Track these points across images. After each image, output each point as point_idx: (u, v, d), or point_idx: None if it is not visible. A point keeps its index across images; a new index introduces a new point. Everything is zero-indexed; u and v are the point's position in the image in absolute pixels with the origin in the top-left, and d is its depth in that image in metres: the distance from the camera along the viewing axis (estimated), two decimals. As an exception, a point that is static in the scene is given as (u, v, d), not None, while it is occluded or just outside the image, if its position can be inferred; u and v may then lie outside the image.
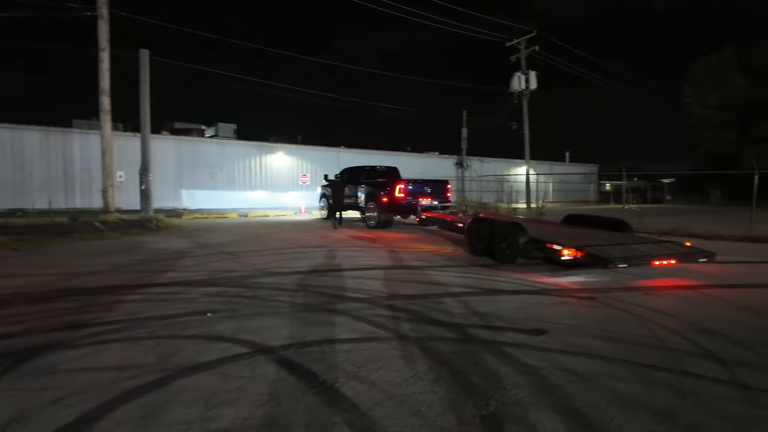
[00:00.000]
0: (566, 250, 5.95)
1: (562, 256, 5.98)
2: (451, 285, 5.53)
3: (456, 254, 8.13)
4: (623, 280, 5.88)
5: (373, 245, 9.22)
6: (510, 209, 15.88)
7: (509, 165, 32.81)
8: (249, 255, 7.77)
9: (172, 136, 21.80)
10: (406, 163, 28.75)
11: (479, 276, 6.15)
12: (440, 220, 9.74)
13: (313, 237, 10.53)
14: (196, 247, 8.68)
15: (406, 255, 7.97)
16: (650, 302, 4.78)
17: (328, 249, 8.58)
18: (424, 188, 12.26)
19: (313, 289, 5.24)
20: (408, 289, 5.33)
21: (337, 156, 26.31)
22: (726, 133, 33.31)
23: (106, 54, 14.36)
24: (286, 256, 7.64)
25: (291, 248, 8.63)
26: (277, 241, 9.74)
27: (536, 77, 27.23)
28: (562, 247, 6.04)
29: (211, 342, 3.48)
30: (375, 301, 4.72)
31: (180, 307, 4.49)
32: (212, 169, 22.27)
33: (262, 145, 24.02)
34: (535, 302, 4.78)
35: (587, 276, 6.14)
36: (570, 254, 5.92)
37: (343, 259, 7.48)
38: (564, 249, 5.98)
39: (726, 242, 9.80)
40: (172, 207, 21.12)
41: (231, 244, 9.11)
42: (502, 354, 3.25)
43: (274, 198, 23.94)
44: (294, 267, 6.63)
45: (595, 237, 6.89)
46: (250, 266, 6.66)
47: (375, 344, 3.44)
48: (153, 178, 20.59)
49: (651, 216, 15.02)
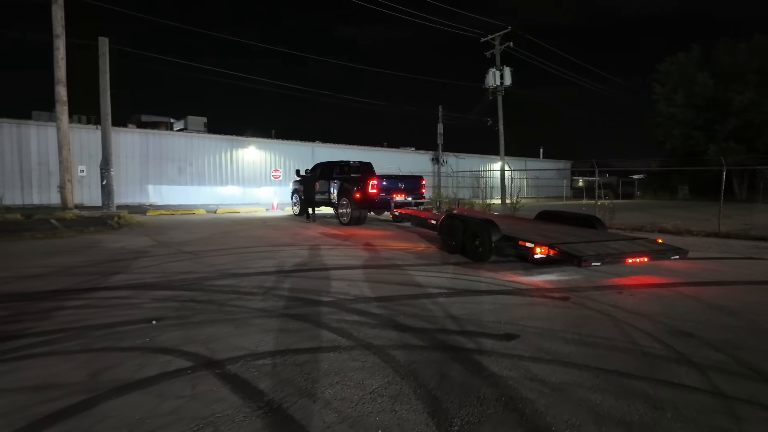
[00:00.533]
0: (539, 248, 5.79)
1: (535, 254, 5.83)
2: (422, 285, 5.30)
3: (429, 252, 7.91)
4: (596, 278, 5.77)
5: (345, 243, 8.93)
6: (485, 205, 15.81)
7: (485, 161, 32.95)
8: (211, 254, 7.36)
9: (138, 129, 20.91)
10: (382, 159, 28.48)
11: (451, 275, 5.94)
12: (414, 216, 9.51)
13: (283, 235, 10.16)
14: (155, 246, 8.20)
15: (377, 253, 7.71)
16: (624, 302, 4.65)
17: (297, 247, 8.24)
18: (397, 184, 12.01)
19: (276, 292, 4.91)
20: (377, 290, 5.07)
21: (311, 151, 25.83)
22: (692, 131, 34.25)
23: (62, 41, 13.53)
24: (250, 256, 7.27)
25: (257, 247, 8.26)
26: (244, 239, 9.33)
27: (511, 73, 27.33)
28: (535, 245, 5.88)
29: (152, 355, 3.14)
30: (340, 305, 4.44)
31: (124, 314, 4.10)
32: (180, 163, 21.49)
33: (233, 139, 23.33)
34: (507, 303, 4.58)
35: (560, 274, 6.01)
36: (543, 252, 5.76)
37: (312, 258, 7.16)
38: (537, 247, 5.82)
39: (695, 238, 9.91)
40: (138, 203, 20.31)
41: (193, 243, 8.67)
42: (470, 363, 3.02)
43: (246, 193, 23.33)
44: (258, 267, 6.27)
45: (568, 234, 6.78)
46: (210, 267, 6.27)
47: (334, 355, 3.16)
48: (117, 172, 19.73)
49: (622, 211, 15.22)
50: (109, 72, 14.66)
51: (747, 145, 31.12)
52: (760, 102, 30.09)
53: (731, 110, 31.50)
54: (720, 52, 34.20)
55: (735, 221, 13.69)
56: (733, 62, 32.84)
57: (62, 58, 13.62)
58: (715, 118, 32.73)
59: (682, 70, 35.13)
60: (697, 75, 33.73)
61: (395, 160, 28.12)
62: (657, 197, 36.08)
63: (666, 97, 35.57)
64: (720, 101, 32.29)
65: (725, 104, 31.86)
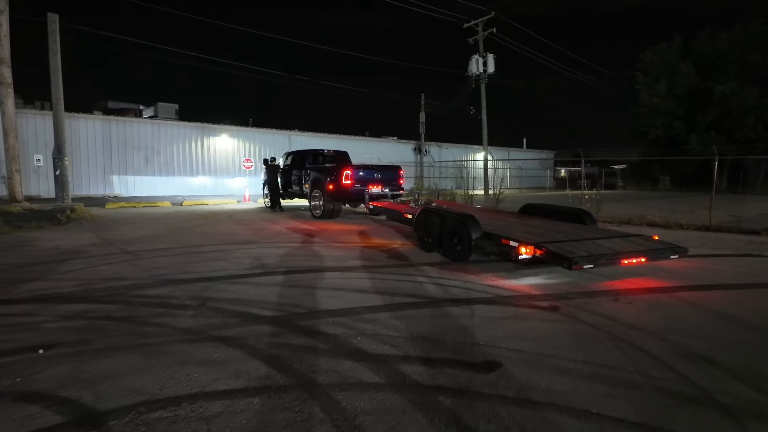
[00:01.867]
0: (524, 248, 5.10)
1: (520, 254, 5.14)
2: (391, 292, 4.57)
3: (404, 249, 7.19)
4: (587, 281, 5.12)
5: (312, 240, 8.13)
6: (467, 196, 15.13)
7: (468, 151, 32.37)
8: (155, 255, 6.50)
9: (100, 116, 19.61)
10: (362, 149, 27.62)
11: (425, 279, 5.21)
12: (389, 210, 8.76)
13: (246, 230, 9.31)
14: (96, 245, 7.29)
15: (346, 252, 6.95)
16: (622, 312, 3.99)
17: (257, 246, 7.42)
18: (374, 174, 11.21)
19: (213, 305, 4.12)
20: (336, 300, 4.31)
21: (288, 139, 24.81)
22: (674, 121, 34.15)
23: (5, 18, 12.27)
24: (200, 257, 6.43)
25: (211, 245, 7.41)
26: (200, 236, 8.46)
27: (494, 60, 26.64)
28: (519, 244, 5.19)
29: (13, 405, 2.34)
30: (287, 322, 3.68)
31: (10, 339, 3.27)
32: (147, 152, 20.29)
33: (204, 126, 22.16)
34: (487, 316, 3.88)
35: (548, 277, 5.34)
36: (528, 252, 5.07)
37: (271, 258, 6.36)
38: (521, 246, 5.13)
39: (685, 232, 9.40)
40: (101, 195, 19.13)
41: (141, 241, 7.76)
42: (438, 411, 2.30)
43: (219, 184, 22.27)
44: (203, 272, 5.45)
45: (555, 230, 6.11)
46: (146, 272, 5.42)
47: (259, 401, 2.40)
48: (78, 162, 18.53)
49: (607, 203, 14.71)
50: (60, 52, 13.44)
51: (727, 135, 31.13)
52: (740, 92, 30.02)
53: (712, 100, 31.41)
54: (701, 42, 34.08)
55: (721, 213, 13.34)
56: (715, 52, 32.75)
57: (5, 35, 12.37)
58: (697, 108, 32.63)
59: (664, 59, 34.92)
60: (679, 64, 33.54)
61: (376, 150, 27.29)
62: (638, 188, 36.08)
63: (648, 86, 35.34)
64: (701, 91, 32.18)
65: (707, 94, 31.76)
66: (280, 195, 13.55)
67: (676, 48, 34.89)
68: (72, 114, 18.92)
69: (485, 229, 5.93)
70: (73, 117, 18.62)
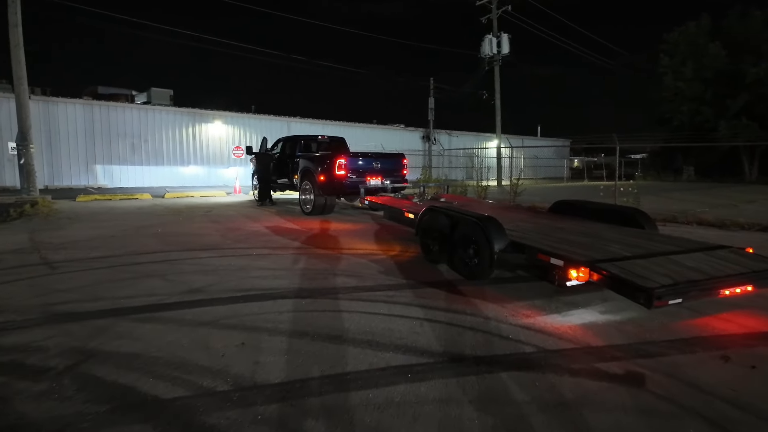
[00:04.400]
0: (574, 270, 3.49)
1: (568, 278, 3.53)
2: (373, 342, 3.01)
3: (404, 259, 5.62)
4: (666, 317, 3.52)
5: (292, 244, 6.59)
6: (480, 188, 13.46)
7: (479, 139, 30.58)
8: (76, 268, 5.00)
9: (80, 100, 18.14)
10: (367, 136, 25.95)
11: (428, 311, 3.65)
12: (387, 207, 7.17)
13: (216, 230, 7.79)
14: (17, 251, 5.80)
15: (329, 263, 5.40)
16: (748, 390, 2.40)
17: (219, 253, 5.89)
18: (372, 164, 9.60)
19: (89, 368, 2.59)
20: (292, 358, 2.77)
21: (287, 126, 23.22)
22: (701, 106, 31.90)
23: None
24: (132, 272, 4.91)
25: (160, 253, 5.90)
26: (155, 238, 6.94)
27: (509, 40, 24.69)
28: (567, 263, 3.59)
29: None
30: (191, 413, 2.14)
31: None
32: (134, 140, 18.84)
33: (196, 112, 20.64)
34: (530, 401, 2.31)
35: (605, 309, 3.75)
36: (581, 278, 3.46)
37: (225, 274, 4.83)
38: (570, 267, 3.52)
39: (751, 233, 7.68)
40: (84, 186, 17.76)
41: (78, 245, 6.28)
42: None
43: (212, 174, 20.81)
44: (118, 298, 3.93)
45: (605, 239, 4.50)
46: (41, 296, 3.91)
47: None
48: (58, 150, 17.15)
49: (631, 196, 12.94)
50: (21, 25, 11.93)
51: (759, 122, 28.89)
52: (775, 75, 27.72)
53: (743, 84, 29.13)
54: (732, 22, 31.67)
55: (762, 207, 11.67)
56: (746, 32, 30.36)
57: (-44, 5, 10.90)
58: (726, 92, 30.35)
59: (691, 40, 32.55)
60: (707, 46, 31.20)
61: (381, 138, 25.61)
62: (659, 178, 33.95)
63: (673, 69, 33.00)
64: (731, 74, 29.88)
65: (737, 77, 29.47)
66: (271, 187, 12.01)
67: (704, 28, 32.49)
68: (50, 98, 17.53)
69: (513, 237, 4.33)
70: (52, 101, 17.21)
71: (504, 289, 4.32)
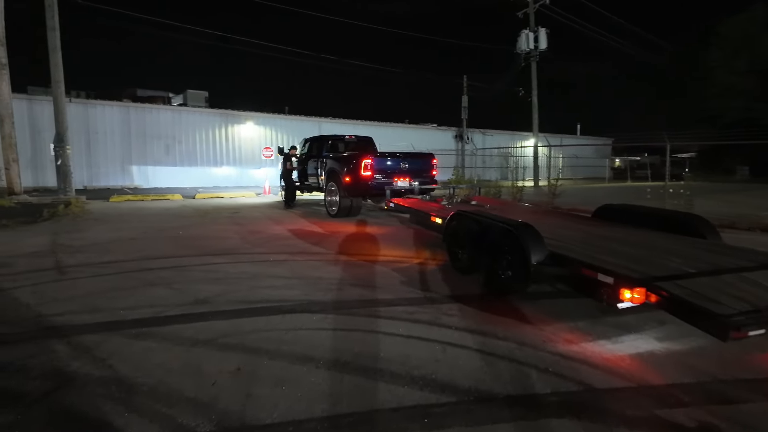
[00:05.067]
0: (627, 290, 2.95)
1: (620, 298, 2.99)
2: (389, 374, 2.58)
3: (429, 268, 5.17)
4: (747, 350, 2.93)
5: (311, 249, 6.26)
6: (515, 189, 12.75)
7: (515, 138, 29.55)
8: (86, 274, 4.82)
9: (116, 102, 18.57)
10: (398, 136, 25.53)
11: (454, 333, 3.19)
12: (413, 210, 6.72)
13: (237, 233, 7.56)
14: (35, 254, 5.72)
15: (348, 271, 5.01)
16: None
17: (235, 258, 5.62)
18: (400, 164, 9.16)
19: (62, 397, 2.30)
20: (287, 392, 2.39)
21: (318, 127, 23.07)
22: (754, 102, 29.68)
23: (-4, -10, 11.11)
24: (139, 279, 4.68)
25: (174, 258, 5.67)
26: (174, 241, 6.76)
27: (546, 35, 23.69)
28: (619, 282, 3.04)
29: None
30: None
31: None
32: (167, 141, 19.12)
33: (228, 113, 20.79)
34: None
35: (660, 334, 3.19)
36: (636, 299, 2.92)
37: (238, 281, 4.53)
38: (622, 287, 2.98)
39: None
40: (120, 186, 18.16)
41: (98, 248, 6.15)
42: None
43: (244, 175, 20.90)
44: (118, 309, 3.67)
45: (661, 250, 3.90)
46: (39, 306, 3.70)
47: None
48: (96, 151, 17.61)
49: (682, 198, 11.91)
50: (58, 29, 12.20)
51: (823, 117, 26.58)
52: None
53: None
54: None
55: None
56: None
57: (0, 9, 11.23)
58: (785, 86, 28.12)
59: (744, 31, 30.37)
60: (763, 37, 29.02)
61: (413, 137, 25.13)
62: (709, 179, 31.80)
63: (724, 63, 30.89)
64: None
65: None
66: (296, 189, 11.75)
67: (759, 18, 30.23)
68: (89, 101, 18.04)
69: (552, 247, 3.80)
70: (90, 104, 17.69)
71: (541, 307, 3.80)
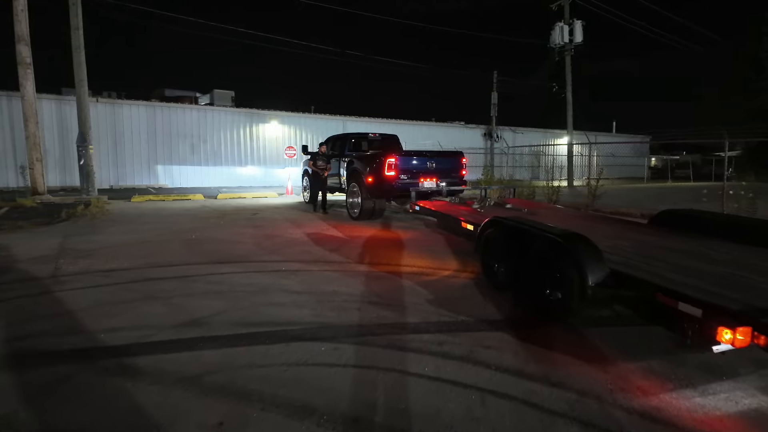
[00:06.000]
0: (727, 329, 2.23)
1: (716, 338, 2.28)
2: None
3: (460, 281, 4.53)
4: None
5: (329, 257, 5.70)
6: (550, 190, 11.88)
7: (547, 136, 28.32)
8: (83, 285, 4.40)
9: (143, 102, 18.58)
10: (425, 134, 24.83)
11: (493, 375, 2.56)
12: (441, 214, 6.07)
13: (253, 237, 7.09)
14: (38, 259, 5.38)
15: (367, 284, 4.43)
16: None
17: (245, 267, 5.11)
18: (426, 164, 8.51)
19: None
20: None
21: (342, 125, 22.62)
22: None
23: (22, -11, 11.07)
24: (136, 292, 4.23)
25: (180, 266, 5.21)
26: (186, 246, 6.33)
27: (582, 28, 22.49)
28: (713, 316, 2.33)
29: None
30: None
31: None
32: (193, 140, 19.03)
33: (252, 113, 20.56)
34: None
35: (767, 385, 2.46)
36: (741, 341, 2.21)
37: (243, 296, 4.01)
38: (721, 326, 2.26)
39: None
40: (146, 185, 18.18)
41: (105, 253, 5.78)
42: None
43: (268, 174, 20.64)
44: (101, 330, 3.19)
45: (755, 270, 3.14)
46: (11, 326, 3.27)
47: None
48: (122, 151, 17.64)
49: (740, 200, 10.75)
50: (82, 28, 12.11)
51: None
52: None
53: None
54: None
55: None
56: None
57: (23, 9, 11.19)
58: None
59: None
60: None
61: (440, 136, 24.39)
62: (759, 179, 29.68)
63: (778, 54, 28.75)
64: None
65: None
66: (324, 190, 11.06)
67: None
68: (116, 101, 18.11)
69: (613, 264, 3.11)
70: (117, 104, 17.75)
71: (599, 336, 3.11)
